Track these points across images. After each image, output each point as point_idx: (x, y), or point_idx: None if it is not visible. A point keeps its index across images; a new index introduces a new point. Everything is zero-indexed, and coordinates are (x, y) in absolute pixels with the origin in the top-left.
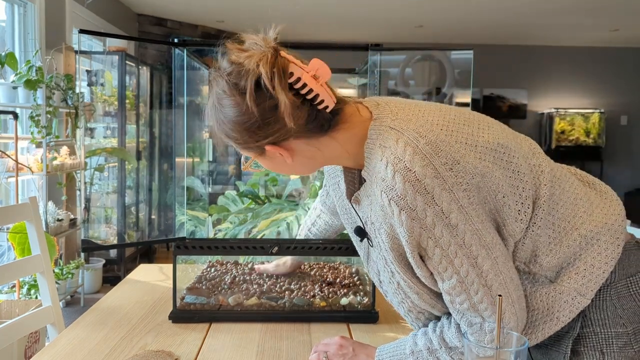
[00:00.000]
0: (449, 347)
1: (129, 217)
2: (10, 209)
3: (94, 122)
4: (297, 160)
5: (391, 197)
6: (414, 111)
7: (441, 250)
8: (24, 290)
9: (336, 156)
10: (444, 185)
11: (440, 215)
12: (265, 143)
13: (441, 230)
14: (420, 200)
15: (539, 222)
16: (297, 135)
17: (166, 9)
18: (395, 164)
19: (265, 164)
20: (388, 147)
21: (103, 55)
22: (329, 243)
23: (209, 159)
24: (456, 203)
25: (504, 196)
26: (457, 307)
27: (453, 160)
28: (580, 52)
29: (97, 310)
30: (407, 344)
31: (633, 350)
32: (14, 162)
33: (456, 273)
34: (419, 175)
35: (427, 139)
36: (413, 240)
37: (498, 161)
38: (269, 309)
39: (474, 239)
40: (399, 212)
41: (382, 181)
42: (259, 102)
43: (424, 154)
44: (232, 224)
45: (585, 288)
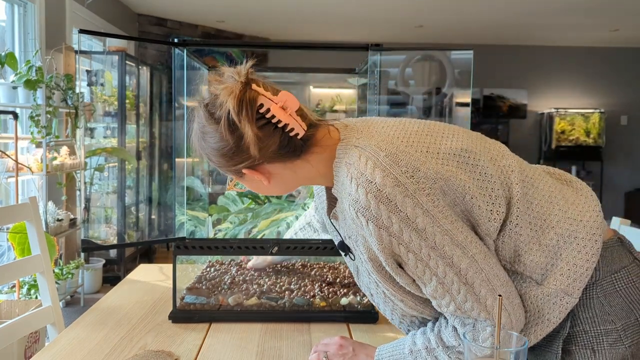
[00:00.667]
0: (446, 346)
1: (128, 217)
2: (10, 209)
3: (94, 122)
4: (274, 182)
5: (357, 209)
6: (377, 128)
7: (414, 255)
8: (24, 290)
9: (310, 177)
10: (406, 192)
11: (405, 220)
12: (241, 167)
13: (409, 235)
14: (383, 209)
15: (515, 221)
16: (271, 160)
17: (166, 9)
18: (358, 177)
19: (246, 184)
20: (352, 163)
21: (103, 55)
22: (328, 243)
23: None
24: (420, 208)
25: (472, 197)
26: (445, 310)
27: (413, 168)
28: (580, 52)
29: (97, 310)
30: (406, 344)
31: (624, 346)
32: (14, 162)
33: (434, 275)
34: (379, 185)
35: (387, 152)
36: (385, 249)
37: (462, 165)
38: (269, 309)
39: (445, 240)
40: (367, 223)
41: (348, 195)
42: (231, 131)
43: (384, 166)
44: (232, 224)
45: (572, 288)
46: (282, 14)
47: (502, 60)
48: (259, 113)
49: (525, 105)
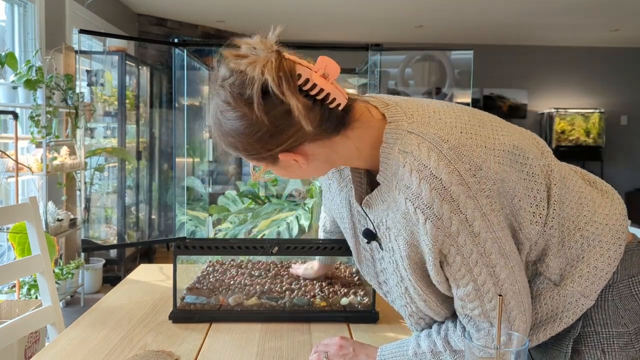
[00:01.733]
0: (453, 350)
1: (129, 217)
2: (10, 209)
3: (94, 122)
4: (312, 164)
5: (417, 206)
6: (428, 113)
7: (462, 258)
8: (24, 290)
9: (350, 156)
10: (469, 193)
11: (464, 223)
12: (279, 151)
13: (464, 239)
14: (446, 208)
15: (550, 223)
16: (312, 138)
17: (166, 9)
18: (420, 170)
19: (278, 172)
20: (410, 152)
21: (103, 55)
22: (328, 243)
23: (209, 159)
24: (479, 210)
25: (520, 200)
26: (467, 313)
27: (476, 166)
28: (580, 52)
29: (97, 311)
30: (410, 346)
31: (634, 349)
32: (14, 162)
33: (473, 281)
34: (445, 182)
35: (450, 144)
36: (436, 249)
37: (514, 164)
38: (269, 308)
39: (494, 247)
40: (425, 221)
41: (406, 189)
42: (268, 110)
43: (448, 160)
44: (232, 224)
45: (590, 290)
46: (282, 14)
47: (502, 60)
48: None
49: (525, 105)
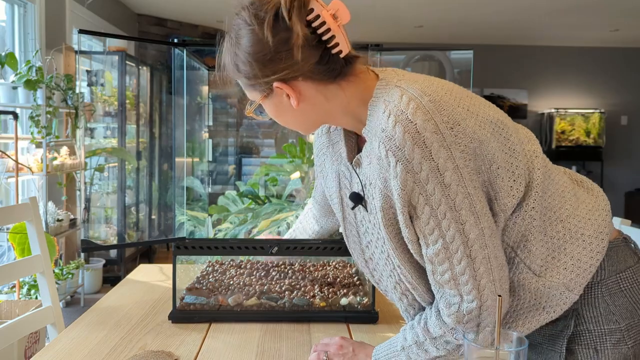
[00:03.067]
0: (433, 337)
1: (129, 217)
2: (10, 209)
3: (94, 122)
4: (302, 106)
5: (389, 148)
6: (419, 76)
7: (430, 209)
8: (24, 290)
9: (339, 111)
10: (443, 142)
11: (435, 171)
12: (274, 79)
13: (433, 187)
14: (417, 152)
15: (532, 204)
16: (306, 76)
17: (166, 9)
18: (398, 115)
19: (270, 108)
20: (391, 101)
21: (103, 55)
22: (328, 243)
23: (209, 159)
24: (452, 162)
25: (498, 167)
26: (438, 279)
27: (454, 121)
28: (580, 52)
29: (97, 311)
30: (398, 341)
31: (627, 346)
32: (14, 162)
33: (442, 237)
34: (419, 127)
35: (431, 97)
36: (405, 195)
37: (496, 135)
38: (269, 309)
39: (464, 203)
40: (395, 164)
41: (381, 132)
42: (275, 33)
43: (426, 109)
44: (232, 224)
45: (574, 283)
46: None
47: (502, 60)
48: (307, 21)
49: (525, 105)
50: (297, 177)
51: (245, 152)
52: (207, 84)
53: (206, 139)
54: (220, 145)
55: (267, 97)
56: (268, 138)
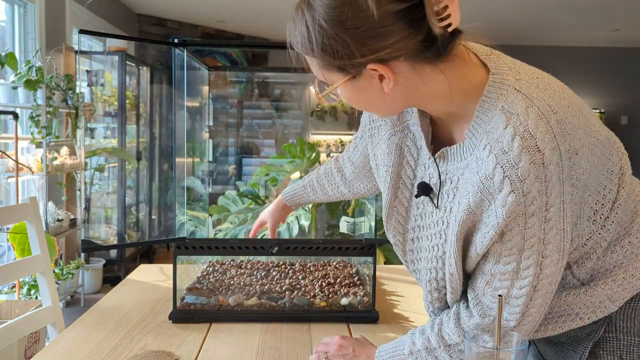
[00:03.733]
0: (447, 344)
1: (129, 217)
2: (10, 209)
3: (94, 122)
4: (394, 90)
5: (508, 175)
6: (535, 74)
7: (520, 239)
8: (24, 290)
9: (436, 96)
10: (560, 176)
11: (543, 206)
12: (372, 59)
13: (534, 222)
14: (536, 187)
15: (608, 226)
16: (409, 55)
17: (166, 9)
18: (525, 138)
19: (351, 92)
20: (515, 114)
21: (103, 55)
22: (329, 243)
23: (209, 159)
24: (560, 197)
25: (589, 195)
26: (488, 291)
27: (574, 149)
28: (580, 52)
29: (97, 311)
30: (406, 344)
31: None
32: (14, 163)
33: (516, 262)
34: (546, 160)
35: (559, 117)
36: (504, 225)
37: (602, 157)
38: (269, 309)
39: (555, 239)
40: (508, 193)
41: (502, 153)
42: (382, 3)
43: (554, 134)
44: (232, 224)
45: (617, 295)
46: (282, 13)
47: None
48: None
49: None
50: (297, 177)
51: (245, 152)
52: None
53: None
54: (221, 145)
55: (353, 79)
56: (268, 138)
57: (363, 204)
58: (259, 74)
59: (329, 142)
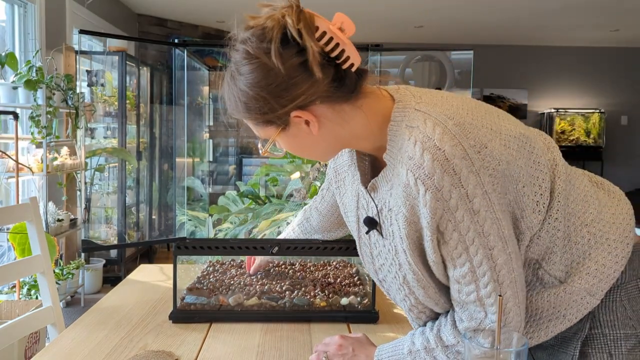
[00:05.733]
0: (445, 345)
1: (129, 217)
2: (10, 210)
3: (94, 122)
4: (322, 132)
5: (418, 176)
6: (435, 96)
7: (459, 235)
8: (24, 290)
9: (358, 133)
10: (471, 168)
11: (464, 198)
12: (292, 108)
13: (462, 214)
14: (447, 180)
15: (555, 215)
16: (323, 97)
17: (166, 9)
18: (425, 142)
19: (287, 141)
20: (416, 126)
21: (103, 55)
22: (329, 243)
23: (209, 159)
24: (481, 188)
25: (524, 186)
26: (462, 298)
27: (481, 143)
28: (580, 52)
29: (98, 311)
30: (405, 344)
31: None
32: (14, 163)
33: (469, 261)
34: (448, 154)
35: (455, 121)
36: (434, 223)
37: (521, 150)
38: (269, 309)
39: (492, 229)
40: (425, 192)
41: (409, 159)
42: (285, 59)
43: (453, 134)
44: (232, 224)
45: (596, 288)
46: None
47: (502, 60)
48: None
49: (525, 105)
50: (297, 177)
51: (245, 152)
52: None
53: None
54: (221, 145)
55: (284, 129)
56: None
57: None
58: None
59: None
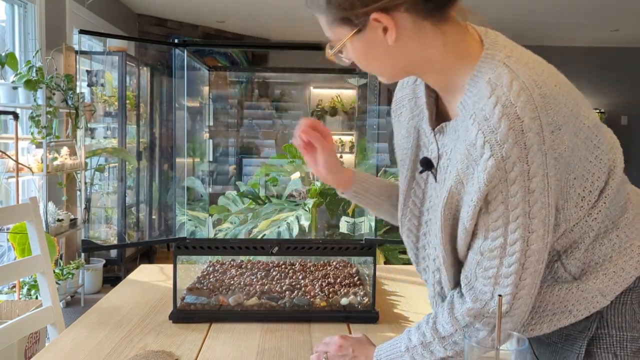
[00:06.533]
0: (441, 336)
1: (129, 217)
2: (10, 210)
3: (94, 122)
4: (396, 46)
5: (488, 140)
6: (525, 54)
7: (505, 209)
8: (24, 290)
9: (433, 62)
10: (542, 146)
11: (524, 175)
12: (374, 8)
13: (517, 190)
14: (515, 152)
15: (595, 215)
16: (410, 5)
17: (166, 9)
18: (506, 106)
19: (357, 49)
20: (500, 85)
21: (103, 55)
22: (329, 243)
23: (209, 159)
24: (543, 169)
25: (575, 178)
26: (478, 272)
27: (556, 124)
28: (580, 52)
29: (98, 311)
30: (402, 342)
31: None
32: (14, 163)
33: (504, 237)
34: (525, 126)
35: (542, 91)
36: (485, 190)
37: (588, 142)
38: (269, 309)
39: (540, 213)
40: (489, 157)
41: (484, 120)
42: None
43: (535, 106)
44: (232, 224)
45: (609, 290)
46: (282, 14)
47: None
48: None
49: None
50: (297, 177)
51: (245, 152)
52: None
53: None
54: (221, 145)
55: (359, 32)
56: (268, 138)
57: None
58: (259, 74)
59: None
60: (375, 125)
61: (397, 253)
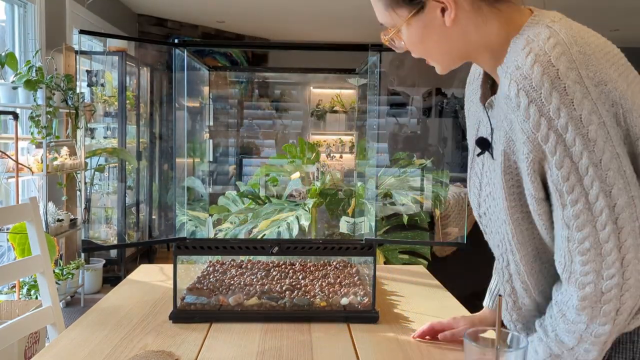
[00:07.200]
0: (569, 348)
1: (129, 217)
2: (10, 210)
3: (94, 122)
4: (453, 29)
5: (522, 87)
6: (576, 24)
7: (571, 162)
8: (24, 290)
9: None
10: (587, 95)
11: (577, 121)
12: None
13: (574, 138)
14: (555, 96)
15: None
16: None
17: (166, 9)
18: (539, 55)
19: (414, 32)
20: (535, 40)
21: (103, 55)
22: (329, 243)
23: (209, 159)
24: (598, 117)
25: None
26: (574, 247)
27: (600, 79)
28: None
29: (98, 311)
30: (530, 355)
31: None
32: (14, 163)
33: (584, 195)
34: (561, 73)
35: (582, 50)
36: (536, 140)
37: None
38: (269, 309)
39: (613, 164)
40: (528, 105)
41: (516, 69)
42: None
43: (572, 59)
44: (232, 224)
45: None
46: (282, 14)
47: None
48: None
49: None
50: (297, 177)
51: (245, 152)
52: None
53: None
54: (221, 145)
55: (417, 13)
56: (268, 138)
57: (363, 204)
58: (259, 74)
59: (329, 142)
60: (375, 125)
61: (397, 253)
